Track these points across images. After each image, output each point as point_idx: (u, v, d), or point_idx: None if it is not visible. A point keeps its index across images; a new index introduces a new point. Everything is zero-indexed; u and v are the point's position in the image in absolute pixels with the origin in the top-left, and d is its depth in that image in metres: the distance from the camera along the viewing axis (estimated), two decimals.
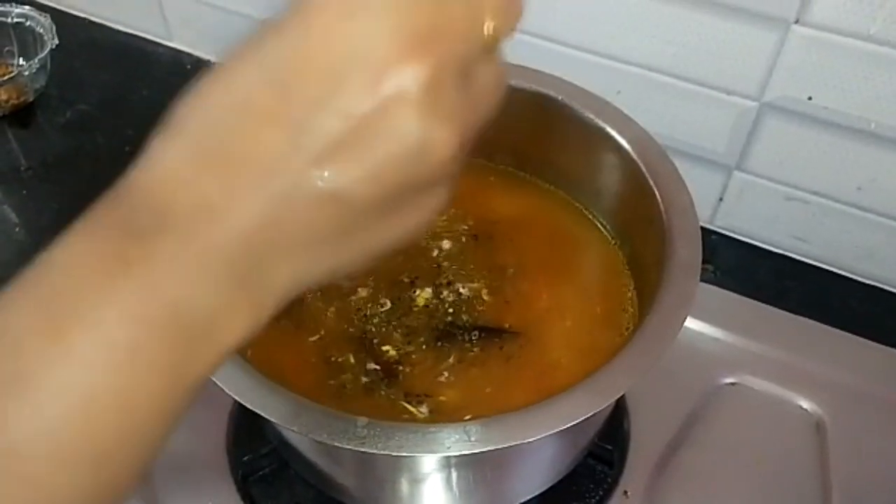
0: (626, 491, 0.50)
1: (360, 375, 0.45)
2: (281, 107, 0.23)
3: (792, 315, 0.59)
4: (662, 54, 0.58)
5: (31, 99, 0.76)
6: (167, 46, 0.83)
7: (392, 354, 0.46)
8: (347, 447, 0.34)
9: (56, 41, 0.74)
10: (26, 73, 0.73)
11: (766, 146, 0.59)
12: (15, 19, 0.76)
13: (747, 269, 0.64)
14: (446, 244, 0.51)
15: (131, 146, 0.71)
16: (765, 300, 0.60)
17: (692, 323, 0.57)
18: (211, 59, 0.81)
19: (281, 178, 0.23)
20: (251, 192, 0.23)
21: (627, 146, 0.47)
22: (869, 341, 0.58)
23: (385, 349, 0.46)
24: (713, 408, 0.54)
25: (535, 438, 0.35)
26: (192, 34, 0.82)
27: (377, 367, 0.45)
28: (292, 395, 0.37)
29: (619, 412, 0.53)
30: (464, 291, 0.49)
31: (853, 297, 0.62)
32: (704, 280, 0.58)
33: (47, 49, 0.74)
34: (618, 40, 0.59)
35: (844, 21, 0.50)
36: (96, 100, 0.78)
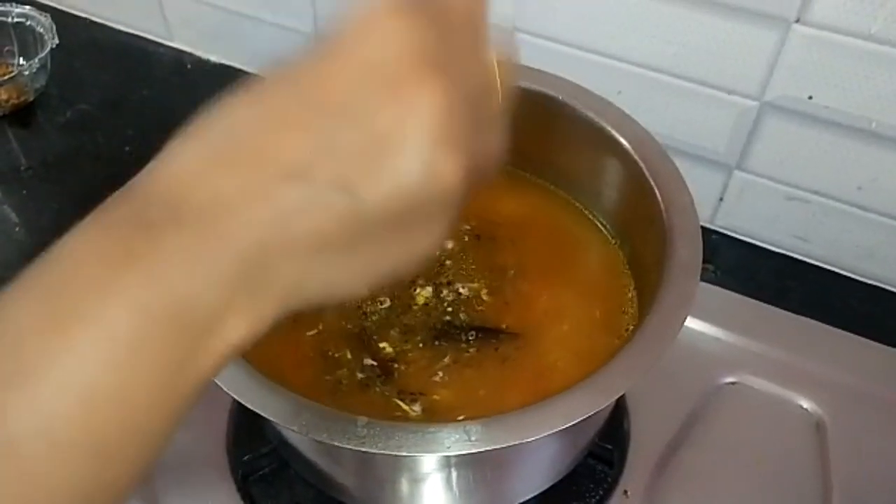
0: (626, 491, 0.50)
1: (356, 371, 0.45)
2: (304, 118, 0.24)
3: (792, 315, 0.59)
4: (663, 54, 0.58)
5: (31, 99, 0.76)
6: (168, 46, 0.83)
7: (388, 352, 0.46)
8: (347, 447, 0.34)
9: (56, 41, 0.74)
10: (26, 72, 0.73)
11: (766, 146, 0.59)
12: (15, 19, 0.76)
13: (748, 269, 0.64)
14: (449, 243, 0.51)
15: (131, 146, 0.71)
16: (765, 300, 0.60)
17: (692, 323, 0.57)
18: (211, 58, 0.81)
19: (298, 182, 0.24)
20: (268, 191, 0.24)
21: (628, 146, 0.47)
22: (870, 341, 0.58)
23: (382, 346, 0.46)
24: (713, 408, 0.54)
25: (535, 438, 0.35)
26: (193, 34, 0.81)
27: (374, 363, 0.45)
28: (292, 395, 0.37)
29: (619, 412, 0.53)
30: (463, 291, 0.49)
31: (854, 297, 0.62)
32: (705, 280, 0.58)
33: (47, 49, 0.74)
34: (618, 40, 0.59)
35: (845, 20, 0.50)
36: (96, 100, 0.78)
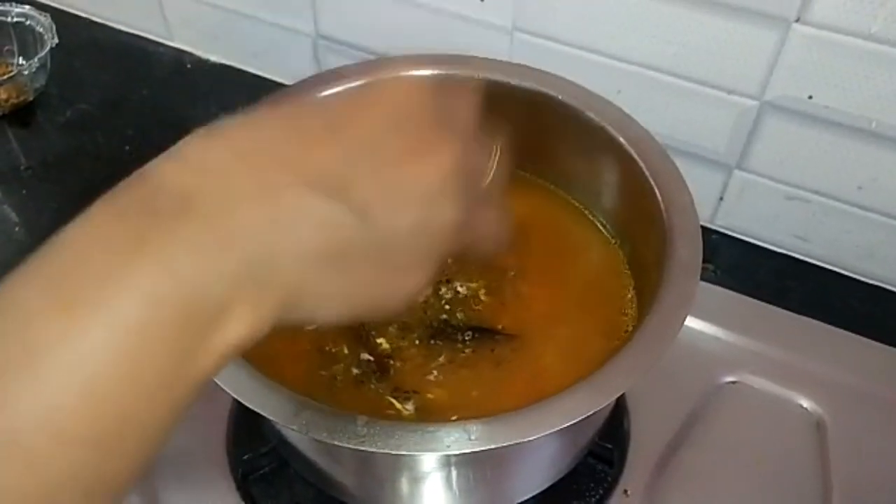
0: (626, 490, 0.50)
1: (352, 367, 0.45)
2: (331, 141, 0.26)
3: (793, 314, 0.59)
4: (663, 54, 0.58)
5: (31, 98, 0.76)
6: (168, 46, 0.83)
7: (385, 348, 0.46)
8: (347, 446, 0.34)
9: (56, 40, 0.74)
10: (26, 72, 0.73)
11: (766, 145, 0.59)
12: (15, 18, 0.76)
13: (748, 269, 0.64)
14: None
15: (131, 146, 0.71)
16: (765, 299, 0.60)
17: (692, 322, 0.57)
18: (211, 58, 0.81)
19: (318, 193, 0.24)
20: (287, 194, 0.24)
21: (628, 146, 0.47)
22: (870, 341, 0.58)
23: (379, 342, 0.46)
24: (713, 407, 0.54)
25: (535, 437, 0.35)
26: (193, 34, 0.81)
27: (371, 358, 0.45)
28: (292, 394, 0.37)
29: (619, 411, 0.53)
30: (461, 290, 0.49)
31: (854, 297, 0.62)
32: (705, 279, 0.58)
33: (47, 48, 0.74)
34: (618, 40, 0.59)
35: (845, 20, 0.50)
36: (96, 99, 0.78)
